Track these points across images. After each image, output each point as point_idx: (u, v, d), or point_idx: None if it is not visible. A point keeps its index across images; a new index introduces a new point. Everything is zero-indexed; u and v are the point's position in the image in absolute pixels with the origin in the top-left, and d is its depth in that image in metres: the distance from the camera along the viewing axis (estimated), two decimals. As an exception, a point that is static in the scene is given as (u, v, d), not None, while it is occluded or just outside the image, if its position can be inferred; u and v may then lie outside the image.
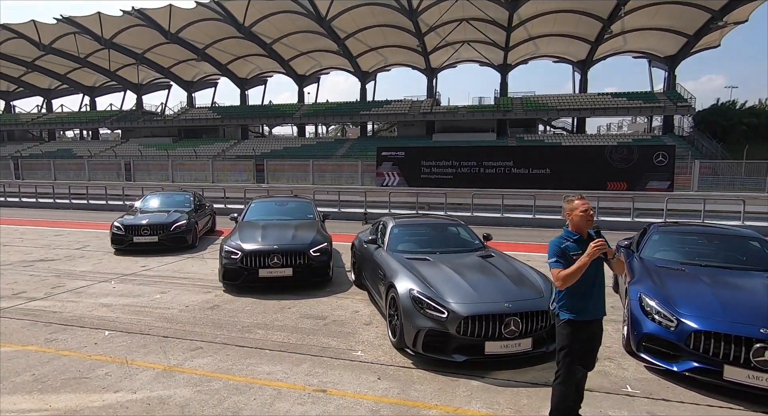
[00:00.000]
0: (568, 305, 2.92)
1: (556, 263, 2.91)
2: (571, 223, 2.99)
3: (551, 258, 2.93)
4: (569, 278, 2.81)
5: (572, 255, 2.88)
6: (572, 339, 2.89)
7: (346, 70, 47.05)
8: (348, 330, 5.07)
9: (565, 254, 2.90)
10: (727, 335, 3.59)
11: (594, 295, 2.93)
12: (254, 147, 38.97)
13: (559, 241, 2.96)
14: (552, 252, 2.94)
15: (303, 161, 25.77)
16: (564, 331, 2.92)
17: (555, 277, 2.88)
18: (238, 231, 7.20)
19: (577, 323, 2.89)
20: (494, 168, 17.11)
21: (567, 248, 2.92)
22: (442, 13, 35.32)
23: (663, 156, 15.75)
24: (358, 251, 6.82)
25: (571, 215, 2.98)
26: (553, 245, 2.96)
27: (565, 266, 2.85)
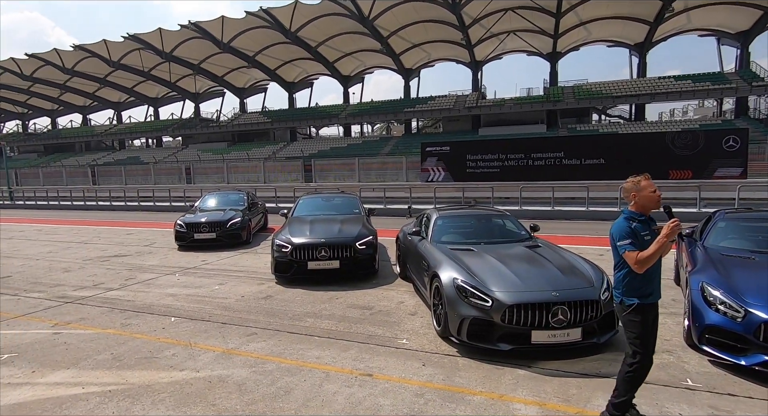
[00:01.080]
0: (636, 290, 2.83)
1: (631, 246, 2.77)
2: (637, 204, 2.88)
3: (624, 240, 2.79)
4: (649, 260, 2.70)
5: (643, 236, 2.78)
6: (645, 324, 2.82)
7: (389, 68, 47.26)
8: (393, 319, 5.16)
9: (636, 235, 2.78)
10: (802, 326, 3.31)
11: (657, 277, 2.88)
12: (302, 148, 40.21)
13: (626, 222, 2.85)
14: (624, 234, 2.81)
15: (349, 160, 26.28)
16: (635, 317, 2.83)
17: (633, 260, 2.74)
18: (288, 226, 7.53)
19: (646, 306, 2.82)
20: (543, 160, 16.50)
21: (636, 228, 2.81)
22: (486, 4, 34.48)
23: (734, 141, 14.41)
24: (402, 243, 6.90)
25: (637, 195, 2.87)
26: (622, 227, 2.84)
27: (638, 248, 2.74)
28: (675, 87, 34.34)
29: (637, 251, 2.74)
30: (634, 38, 38.47)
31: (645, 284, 2.83)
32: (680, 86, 34.19)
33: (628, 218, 2.88)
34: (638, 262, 2.72)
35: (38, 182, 31.68)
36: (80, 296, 6.39)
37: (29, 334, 4.93)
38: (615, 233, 2.88)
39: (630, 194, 2.92)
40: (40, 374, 3.94)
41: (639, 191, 2.87)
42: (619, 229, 2.85)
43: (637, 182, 2.91)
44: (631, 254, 2.76)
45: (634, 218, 2.86)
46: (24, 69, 47.71)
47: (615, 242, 2.87)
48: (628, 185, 2.94)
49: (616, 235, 2.85)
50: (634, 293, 2.83)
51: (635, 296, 2.82)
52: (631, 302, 2.83)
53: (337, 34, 40.50)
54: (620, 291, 2.89)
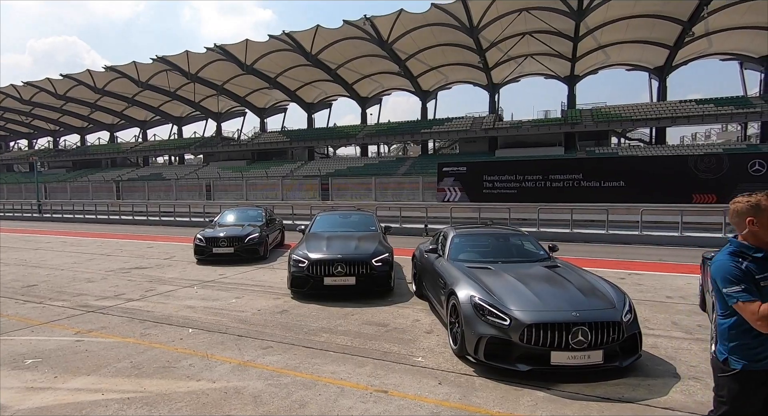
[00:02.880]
0: (748, 349, 2.07)
1: (746, 295, 1.98)
2: (752, 234, 2.10)
3: (733, 286, 2.02)
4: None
5: (759, 280, 2.01)
6: (746, 398, 2.09)
7: (407, 90, 48.06)
8: (409, 337, 5.12)
9: (751, 279, 2.01)
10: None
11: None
12: (320, 167, 40.81)
13: (733, 260, 2.08)
14: (731, 276, 2.04)
15: (365, 179, 26.52)
16: (734, 384, 2.10)
17: (755, 315, 1.96)
18: (305, 242, 7.61)
19: (754, 374, 2.06)
20: (562, 181, 16.37)
21: (750, 269, 2.04)
22: (503, 28, 35.06)
23: (760, 165, 14.07)
24: (418, 261, 6.89)
25: (755, 220, 2.07)
26: (729, 267, 2.07)
27: (758, 297, 1.97)
28: (697, 111, 33.92)
29: (758, 301, 1.96)
30: (653, 62, 38.38)
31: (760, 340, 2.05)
32: (702, 110, 33.76)
33: (737, 253, 2.11)
34: (762, 318, 1.94)
35: (66, 196, 32.83)
36: (102, 306, 6.53)
37: (52, 341, 5.04)
38: (717, 274, 2.12)
39: (744, 220, 2.12)
40: (62, 379, 4.01)
41: (758, 216, 2.07)
42: (724, 269, 2.08)
43: (756, 204, 2.09)
44: (748, 307, 1.98)
45: (747, 254, 2.09)
46: (58, 89, 50.12)
47: (718, 287, 2.13)
48: (741, 207, 2.13)
49: (719, 278, 2.10)
50: (744, 354, 2.08)
51: (744, 358, 2.08)
52: (736, 366, 2.09)
53: (356, 56, 41.58)
54: (726, 347, 2.15)
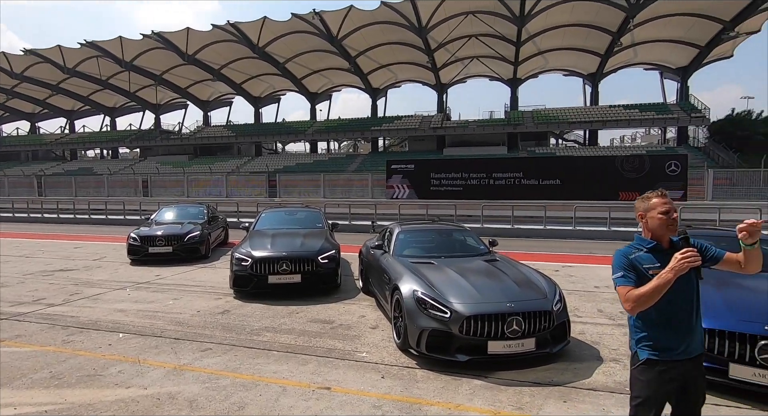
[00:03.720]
0: (649, 339, 2.18)
1: (623, 280, 2.15)
2: (646, 227, 2.26)
3: (616, 273, 2.19)
4: (644, 300, 2.04)
5: (646, 269, 2.15)
6: (654, 388, 2.15)
7: (357, 87, 47.94)
8: (354, 333, 5.13)
9: (635, 267, 2.17)
10: (732, 333, 3.57)
11: (686, 324, 2.17)
12: (267, 163, 39.68)
13: (627, 250, 2.24)
14: (618, 265, 2.21)
15: (314, 176, 26.17)
16: (642, 376, 2.18)
17: (623, 298, 2.12)
18: (249, 239, 7.38)
19: (661, 364, 2.15)
20: (504, 179, 17.13)
21: (638, 259, 2.19)
22: (451, 30, 35.97)
23: (675, 165, 15.59)
24: (365, 257, 6.92)
25: (645, 216, 2.25)
26: (618, 257, 2.24)
27: (637, 283, 2.11)
28: (624, 115, 36.85)
29: (630, 286, 2.12)
30: (587, 69, 41.12)
31: (666, 332, 2.15)
32: (629, 115, 36.72)
33: (633, 246, 2.28)
34: (628, 300, 2.09)
35: (-24, 192, 29.40)
36: (17, 313, 5.94)
37: (-45, 353, 4.52)
38: (613, 261, 2.26)
39: (637, 215, 2.30)
40: (-35, 395, 3.61)
41: (647, 212, 2.24)
42: (616, 257, 2.26)
43: (646, 199, 2.27)
44: (621, 290, 2.14)
45: (640, 247, 2.24)
46: (-33, 72, 44.81)
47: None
48: (636, 203, 2.32)
49: (613, 264, 2.25)
50: (649, 345, 2.17)
51: (650, 348, 2.17)
52: (643, 356, 2.19)
53: (305, 51, 40.82)
54: (633, 340, 2.25)
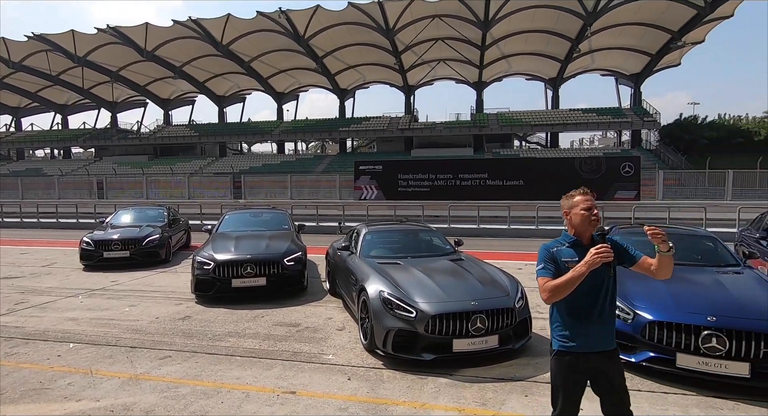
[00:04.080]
0: (561, 331, 2.31)
1: (543, 271, 2.28)
2: (570, 224, 2.37)
3: (538, 265, 2.33)
4: (557, 291, 2.17)
5: (565, 262, 2.27)
6: (563, 378, 2.30)
7: (324, 87, 47.61)
8: (320, 335, 5.08)
9: (555, 260, 2.29)
10: (678, 324, 3.78)
11: (596, 318, 2.26)
12: (232, 164, 38.70)
13: (550, 245, 2.37)
14: (540, 258, 2.34)
15: (281, 177, 25.74)
16: (554, 365, 2.34)
17: (541, 288, 2.25)
18: (211, 242, 7.17)
19: (570, 355, 2.27)
20: (470, 180, 17.48)
21: (559, 253, 2.31)
22: (417, 32, 36.36)
23: (629, 167, 16.42)
24: (332, 259, 6.87)
25: (569, 214, 2.36)
26: (542, 250, 2.36)
27: (555, 275, 2.24)
28: (583, 119, 38.45)
29: (548, 277, 2.24)
30: (548, 73, 42.63)
31: (575, 323, 2.27)
32: (587, 118, 38.35)
33: (558, 241, 2.40)
34: (544, 290, 2.21)
35: None
36: (-46, 325, 5.50)
37: None
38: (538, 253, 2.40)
39: (563, 212, 2.42)
40: None
41: (570, 209, 2.36)
42: (540, 251, 2.38)
43: (570, 197, 2.39)
44: (539, 281, 2.27)
45: (563, 242, 2.37)
46: None
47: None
48: (561, 201, 2.42)
49: (538, 257, 2.37)
50: (560, 335, 2.31)
51: (560, 338, 2.31)
52: (554, 346, 2.34)
53: (271, 50, 40.12)
54: (551, 331, 2.39)
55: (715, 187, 20.21)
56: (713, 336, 3.62)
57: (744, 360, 3.53)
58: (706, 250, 5.52)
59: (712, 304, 3.95)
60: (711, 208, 14.09)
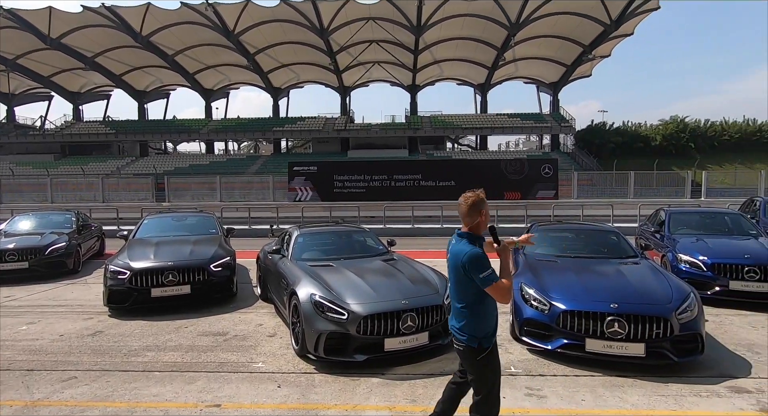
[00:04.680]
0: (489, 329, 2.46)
1: (495, 275, 2.32)
2: (481, 224, 2.48)
3: (487, 271, 2.30)
4: (512, 288, 2.39)
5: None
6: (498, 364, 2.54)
7: (257, 85, 45.96)
8: (250, 343, 4.88)
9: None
10: (587, 312, 4.15)
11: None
12: (155, 165, 36.03)
13: (479, 248, 2.40)
14: (485, 261, 2.33)
15: (210, 178, 24.39)
16: (489, 362, 2.46)
17: (504, 291, 2.32)
18: (127, 249, 6.61)
19: (494, 346, 2.50)
20: (404, 181, 17.84)
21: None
22: (352, 34, 36.41)
23: (548, 168, 17.75)
24: (262, 263, 6.64)
25: (484, 212, 2.48)
26: (482, 256, 2.35)
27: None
28: (508, 123, 40.92)
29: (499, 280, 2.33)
30: (477, 79, 44.78)
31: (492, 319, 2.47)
32: (512, 123, 40.88)
33: (475, 243, 2.42)
34: (509, 291, 2.32)
35: None
36: None
37: None
38: (472, 262, 2.31)
39: (478, 211, 2.47)
40: None
41: (485, 208, 2.47)
42: (480, 257, 2.33)
43: (483, 198, 2.48)
44: (499, 285, 2.31)
45: (479, 242, 2.43)
46: None
47: (473, 274, 2.33)
48: (476, 200, 2.47)
49: (475, 264, 2.30)
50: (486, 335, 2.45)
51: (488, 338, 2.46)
52: (488, 345, 2.44)
53: (198, 44, 37.93)
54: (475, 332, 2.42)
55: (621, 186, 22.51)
56: (615, 321, 4.01)
57: (640, 341, 3.96)
58: (611, 243, 6.11)
59: (615, 292, 4.38)
60: (617, 205, 15.66)
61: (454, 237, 2.56)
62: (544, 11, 33.52)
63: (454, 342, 2.56)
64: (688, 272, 6.22)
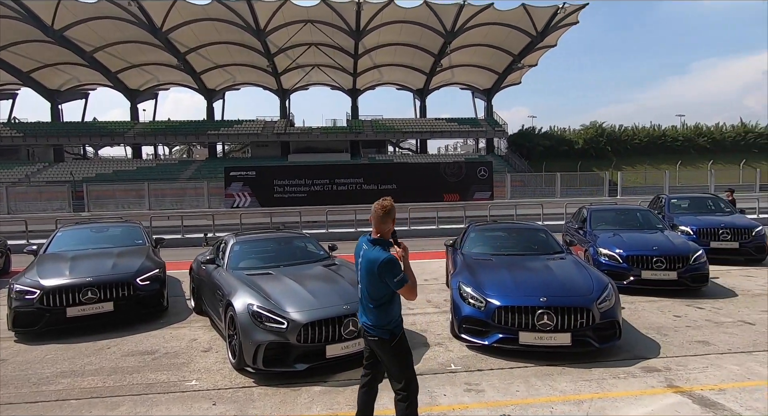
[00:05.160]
0: (398, 319, 2.72)
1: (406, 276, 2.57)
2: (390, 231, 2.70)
3: (401, 274, 2.55)
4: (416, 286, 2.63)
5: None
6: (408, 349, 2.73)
7: (189, 86, 43.68)
8: (182, 360, 4.58)
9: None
10: (520, 307, 4.38)
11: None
12: (72, 171, 32.91)
13: (389, 252, 2.60)
14: (399, 268, 2.57)
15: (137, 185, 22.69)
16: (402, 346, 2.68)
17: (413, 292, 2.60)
18: (37, 266, 5.93)
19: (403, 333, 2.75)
20: (346, 185, 17.81)
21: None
22: (291, 36, 35.80)
23: (484, 171, 18.61)
24: (196, 274, 6.28)
25: (394, 221, 2.69)
26: (396, 261, 2.56)
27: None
28: (447, 127, 42.35)
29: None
30: (416, 84, 45.90)
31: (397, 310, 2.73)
32: (450, 127, 42.36)
33: (385, 247, 2.61)
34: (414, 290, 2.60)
35: None
36: None
37: None
38: (388, 268, 2.52)
39: (391, 218, 2.67)
40: None
41: (394, 216, 2.67)
42: (393, 261, 2.55)
43: (395, 206, 2.69)
44: (409, 285, 2.57)
45: (387, 246, 2.62)
46: None
47: (387, 278, 2.53)
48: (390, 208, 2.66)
49: (391, 270, 2.52)
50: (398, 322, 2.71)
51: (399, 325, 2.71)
52: (400, 331, 2.70)
53: (121, 41, 35.29)
54: (388, 323, 2.66)
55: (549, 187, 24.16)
56: (545, 314, 4.27)
57: (567, 331, 4.25)
58: (540, 241, 6.50)
59: (544, 287, 4.67)
60: (546, 204, 16.74)
61: (365, 243, 2.72)
62: (477, 21, 35.22)
63: (368, 336, 2.75)
64: (607, 265, 6.79)
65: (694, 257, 6.56)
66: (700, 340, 4.77)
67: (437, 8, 34.06)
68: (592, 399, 3.53)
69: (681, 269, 6.48)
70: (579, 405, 3.44)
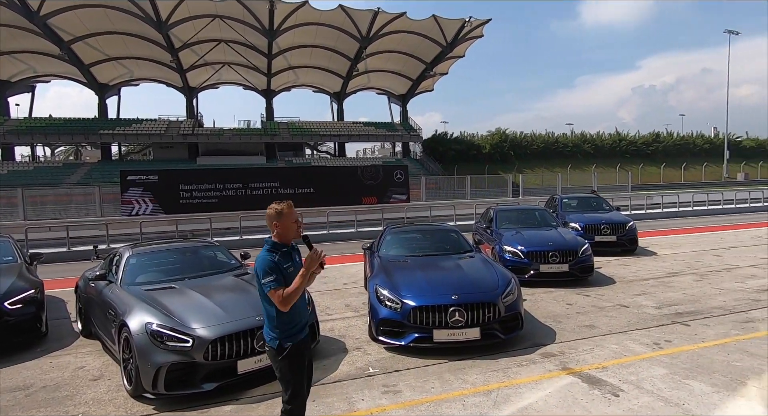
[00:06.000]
0: (289, 330, 2.58)
1: (276, 283, 2.46)
2: (279, 234, 2.62)
3: (268, 277, 2.48)
4: (293, 297, 2.47)
5: (286, 268, 2.55)
6: (299, 365, 2.61)
7: (75, 80, 38.72)
8: (65, 393, 4.00)
9: (280, 270, 2.52)
10: (433, 306, 4.54)
11: (304, 311, 2.75)
12: None
13: (270, 256, 2.55)
14: (268, 270, 2.49)
15: (8, 192, 19.51)
16: (292, 360, 2.56)
17: (281, 299, 2.44)
18: None
19: (298, 344, 2.61)
20: (261, 189, 17.11)
21: (279, 262, 2.54)
22: (197, 30, 33.56)
23: (400, 174, 19.15)
24: (83, 292, 5.55)
25: (279, 225, 2.61)
26: (266, 262, 2.52)
27: (283, 284, 2.48)
28: (364, 131, 42.82)
29: (282, 288, 2.47)
30: (333, 87, 45.75)
31: (298, 319, 2.63)
32: (368, 131, 42.90)
33: (271, 250, 2.59)
34: (284, 300, 2.45)
35: None
36: None
37: None
38: (258, 268, 2.53)
39: (272, 223, 2.62)
40: None
41: (281, 220, 2.60)
42: (263, 263, 2.53)
43: (279, 211, 2.62)
44: (276, 293, 2.46)
45: (278, 250, 2.60)
46: None
47: (259, 279, 2.53)
48: (270, 213, 2.63)
49: (260, 271, 2.52)
50: (289, 334, 2.58)
51: (290, 337, 2.58)
52: (288, 344, 2.56)
53: (-16, 23, 30.09)
54: (277, 333, 2.57)
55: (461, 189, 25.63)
56: (456, 311, 4.48)
57: (476, 326, 4.50)
58: (451, 240, 6.83)
59: (455, 285, 4.90)
60: (458, 205, 17.71)
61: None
62: (392, 28, 36.21)
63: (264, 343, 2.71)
64: (511, 261, 7.36)
65: (582, 251, 7.40)
66: (588, 324, 5.37)
67: (353, 13, 34.35)
68: (499, 389, 3.77)
69: (572, 261, 7.26)
70: (488, 396, 3.66)
